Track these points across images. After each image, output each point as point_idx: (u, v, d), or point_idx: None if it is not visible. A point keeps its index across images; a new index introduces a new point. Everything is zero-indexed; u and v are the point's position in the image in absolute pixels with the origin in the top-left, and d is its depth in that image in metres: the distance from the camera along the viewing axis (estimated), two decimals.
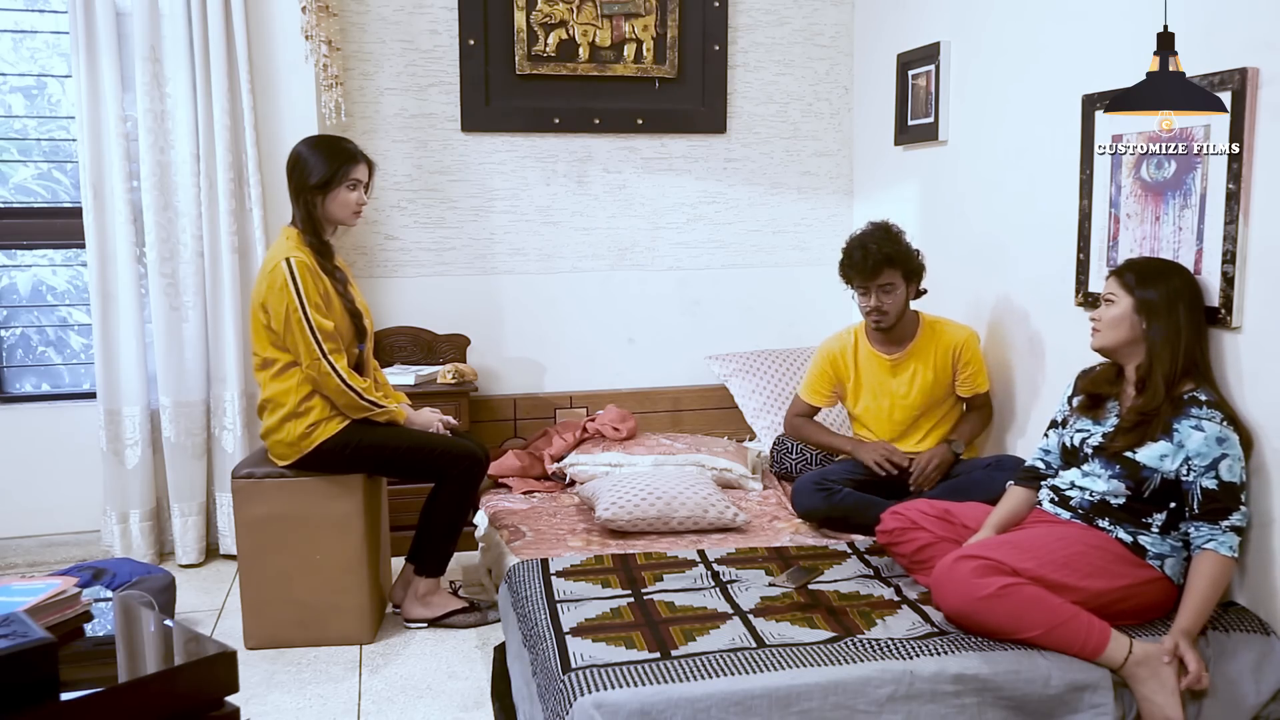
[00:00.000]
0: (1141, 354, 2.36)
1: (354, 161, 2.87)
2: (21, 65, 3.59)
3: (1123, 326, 2.36)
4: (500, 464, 3.55)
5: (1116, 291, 2.38)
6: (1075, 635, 2.11)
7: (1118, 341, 2.38)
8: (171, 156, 3.45)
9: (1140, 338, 2.35)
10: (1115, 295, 2.38)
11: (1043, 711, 2.09)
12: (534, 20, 3.79)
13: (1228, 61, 2.28)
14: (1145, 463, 2.28)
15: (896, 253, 3.02)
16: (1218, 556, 2.18)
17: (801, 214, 4.16)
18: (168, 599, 2.88)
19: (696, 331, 4.10)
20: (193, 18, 3.38)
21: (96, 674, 1.58)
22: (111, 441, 3.50)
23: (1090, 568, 2.22)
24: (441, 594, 3.04)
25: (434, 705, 2.57)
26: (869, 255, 2.98)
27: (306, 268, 2.79)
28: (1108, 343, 2.40)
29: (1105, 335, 2.40)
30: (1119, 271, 2.42)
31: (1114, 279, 2.41)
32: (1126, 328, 2.36)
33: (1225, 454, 2.22)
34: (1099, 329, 2.41)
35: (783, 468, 3.57)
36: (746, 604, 2.38)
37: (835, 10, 4.08)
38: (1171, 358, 2.30)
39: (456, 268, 3.89)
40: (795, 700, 1.99)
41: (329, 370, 2.79)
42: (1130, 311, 2.35)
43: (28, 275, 3.68)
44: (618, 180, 3.98)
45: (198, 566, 3.58)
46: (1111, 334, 2.38)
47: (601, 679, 2.00)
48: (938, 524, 2.52)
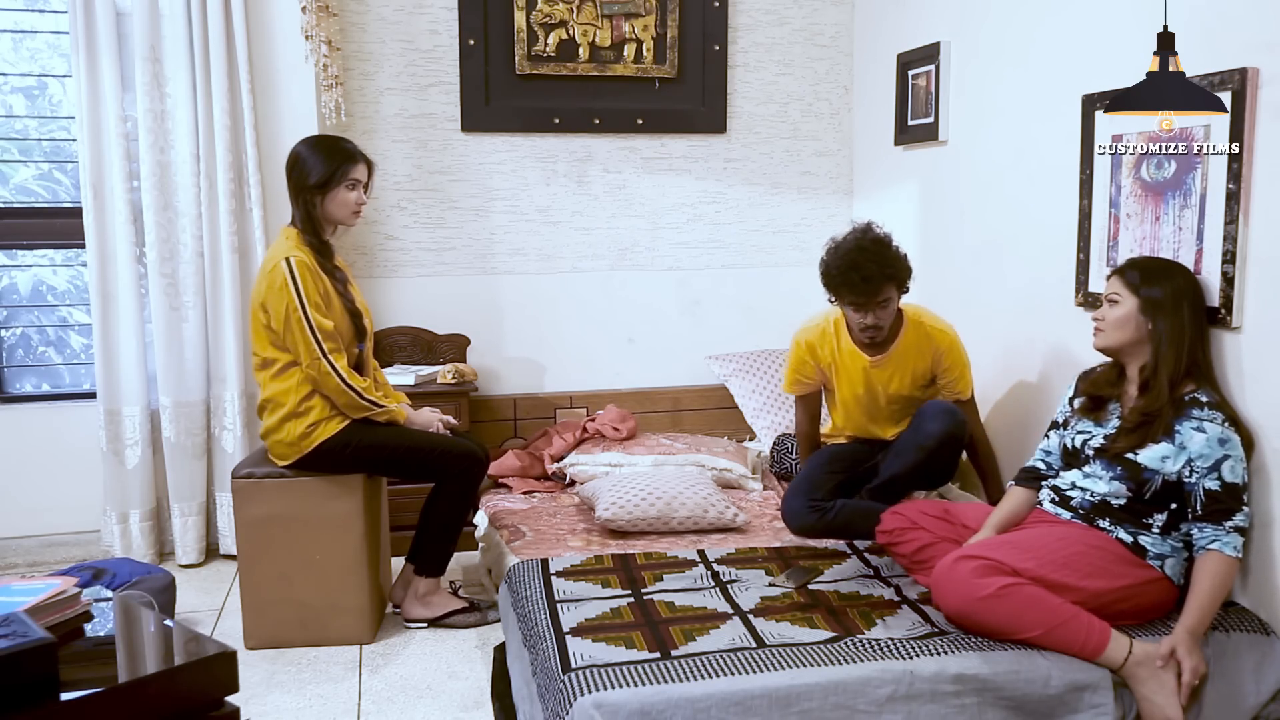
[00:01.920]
0: (1145, 354, 2.35)
1: (353, 161, 2.87)
2: (22, 65, 3.59)
3: (1128, 327, 2.35)
4: (500, 464, 3.55)
5: (1120, 291, 2.37)
6: (1075, 635, 2.11)
7: (1122, 342, 2.37)
8: (171, 156, 3.45)
9: (1145, 338, 2.34)
10: (1119, 295, 2.37)
11: (1043, 711, 2.09)
12: (534, 20, 3.79)
13: (1228, 61, 2.28)
14: (1147, 464, 2.27)
15: (895, 269, 2.87)
16: (1222, 557, 2.18)
17: (801, 214, 4.16)
18: (168, 599, 2.88)
19: (696, 331, 4.10)
20: (193, 18, 3.38)
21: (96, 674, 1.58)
22: (111, 441, 3.50)
23: (1090, 568, 2.22)
24: (441, 594, 3.04)
25: (434, 705, 2.57)
26: (871, 279, 2.82)
27: (306, 267, 2.79)
28: (1112, 343, 2.39)
29: (1109, 335, 2.38)
30: (1121, 270, 2.41)
31: (1117, 278, 2.40)
32: (1131, 328, 2.34)
33: (1227, 455, 2.21)
34: (1102, 329, 2.40)
35: (783, 468, 3.58)
36: (746, 604, 2.38)
37: (835, 10, 4.08)
38: (1176, 358, 2.29)
39: (456, 268, 3.89)
40: (795, 700, 1.99)
41: (329, 370, 2.79)
42: (1135, 311, 2.34)
43: (28, 275, 3.68)
44: (618, 180, 3.99)
45: (198, 566, 3.58)
46: (1116, 334, 2.37)
47: (601, 679, 2.00)
48: (937, 524, 2.52)
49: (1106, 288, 2.42)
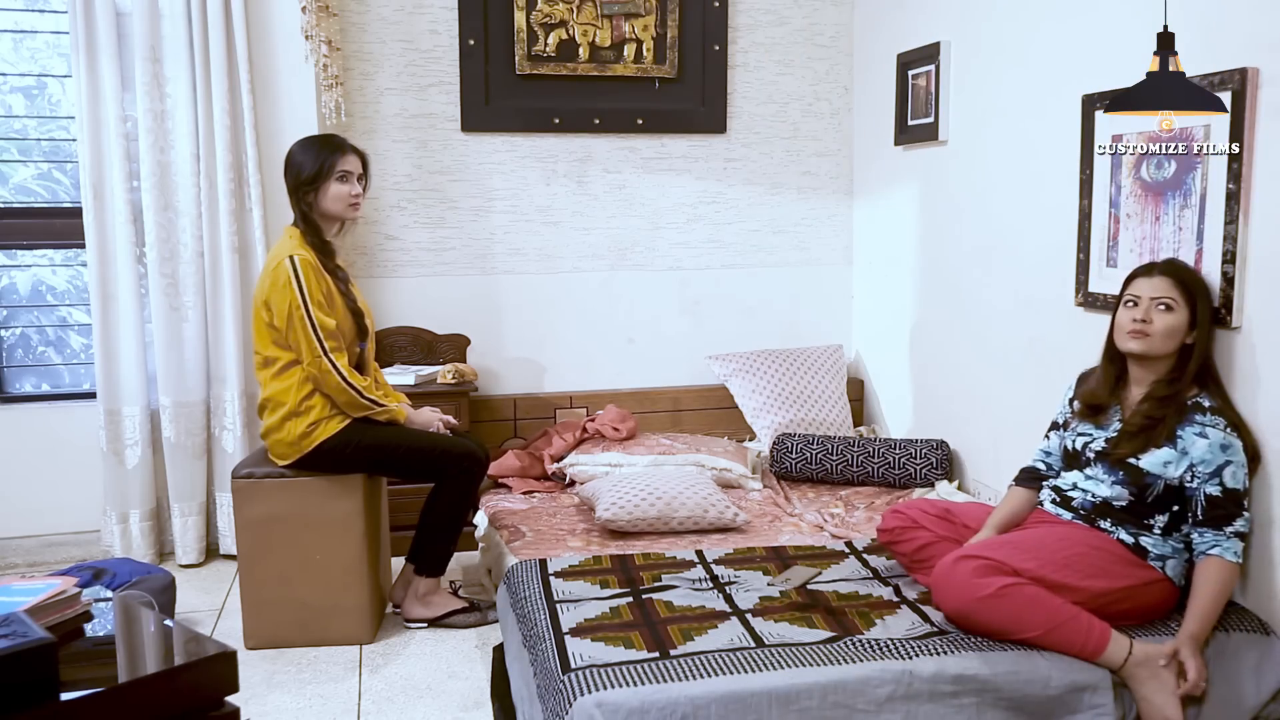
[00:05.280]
0: (1169, 363, 2.31)
1: (341, 153, 2.87)
2: (22, 65, 3.59)
3: (1176, 338, 2.28)
4: (500, 464, 3.55)
5: (1175, 298, 2.26)
6: (1075, 635, 2.11)
7: (1166, 351, 2.29)
8: (171, 156, 3.45)
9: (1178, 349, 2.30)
10: (1174, 302, 2.26)
11: (1042, 712, 2.09)
12: (534, 20, 3.79)
13: (1228, 61, 2.28)
14: (1149, 469, 2.27)
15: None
16: (1223, 562, 2.18)
17: (801, 214, 4.15)
18: (168, 599, 2.88)
19: (696, 331, 4.10)
20: (193, 18, 3.38)
21: (96, 674, 1.58)
22: (111, 441, 3.50)
23: (1091, 568, 2.22)
24: (441, 594, 3.04)
25: (434, 705, 2.57)
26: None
27: (310, 265, 2.80)
28: (1156, 350, 2.28)
29: (1156, 343, 2.27)
30: (1171, 275, 2.29)
31: (1168, 282, 2.28)
32: (1178, 339, 2.28)
33: (1229, 461, 2.21)
34: (1149, 334, 2.27)
35: (782, 468, 3.58)
36: (745, 604, 2.38)
37: (835, 10, 4.08)
38: (1199, 370, 2.28)
39: (456, 268, 3.89)
40: (794, 700, 1.99)
41: (330, 368, 2.79)
42: (1186, 324, 2.27)
43: (28, 275, 3.68)
44: (618, 180, 3.98)
45: (198, 566, 3.58)
46: (1164, 343, 2.27)
47: (601, 679, 2.00)
48: (938, 523, 2.51)
49: (1150, 288, 2.29)
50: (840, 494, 3.45)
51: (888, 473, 3.47)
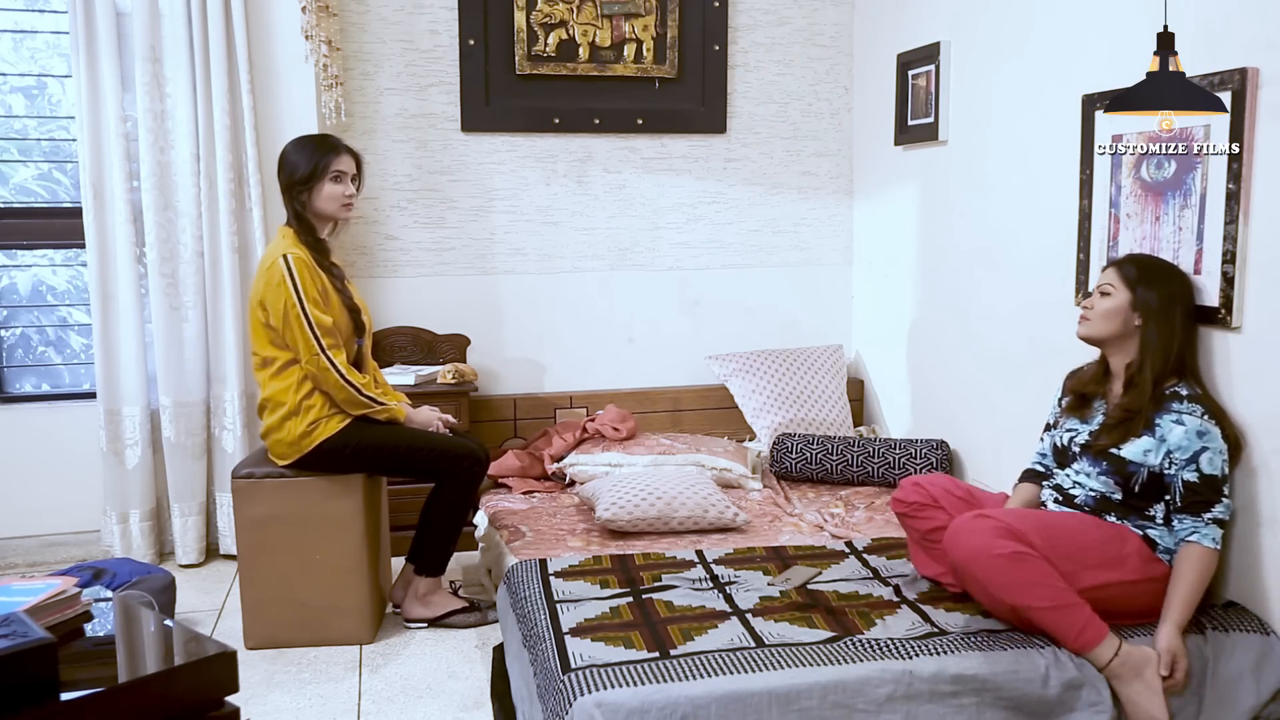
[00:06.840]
0: (1131, 350, 2.36)
1: (334, 153, 2.87)
2: (22, 65, 3.59)
3: (1115, 320, 2.36)
4: (500, 464, 3.55)
5: (1115, 284, 2.37)
6: (1072, 622, 2.10)
7: (1107, 334, 2.38)
8: (171, 156, 3.45)
9: (1131, 333, 2.35)
10: (1113, 288, 2.37)
11: (1041, 711, 2.09)
12: (534, 20, 3.79)
13: (1228, 61, 2.28)
14: (1130, 458, 2.29)
15: None
16: (1201, 549, 2.19)
17: (801, 214, 4.16)
18: (168, 599, 2.88)
19: (696, 331, 4.10)
20: (193, 18, 3.38)
21: (96, 674, 1.58)
22: (111, 441, 3.50)
23: (1105, 558, 2.22)
24: (441, 594, 3.04)
25: (434, 705, 2.57)
26: None
27: (304, 264, 2.80)
28: (1096, 333, 2.39)
29: (1095, 325, 2.39)
30: (1119, 264, 2.42)
31: (1114, 271, 2.40)
32: (1119, 322, 2.35)
33: (1205, 447, 2.22)
34: (1089, 318, 2.40)
35: (782, 468, 3.58)
36: (745, 604, 2.38)
37: (835, 10, 4.08)
38: (1164, 360, 2.30)
39: (456, 268, 3.89)
40: (794, 699, 1.99)
41: (328, 365, 2.79)
42: (1126, 306, 2.35)
43: (28, 275, 3.68)
44: (618, 180, 3.98)
45: (198, 566, 3.58)
46: (1102, 325, 2.37)
47: (601, 679, 2.00)
48: (959, 505, 2.46)
49: (1101, 279, 2.43)
50: (840, 494, 3.45)
51: (888, 473, 3.47)
